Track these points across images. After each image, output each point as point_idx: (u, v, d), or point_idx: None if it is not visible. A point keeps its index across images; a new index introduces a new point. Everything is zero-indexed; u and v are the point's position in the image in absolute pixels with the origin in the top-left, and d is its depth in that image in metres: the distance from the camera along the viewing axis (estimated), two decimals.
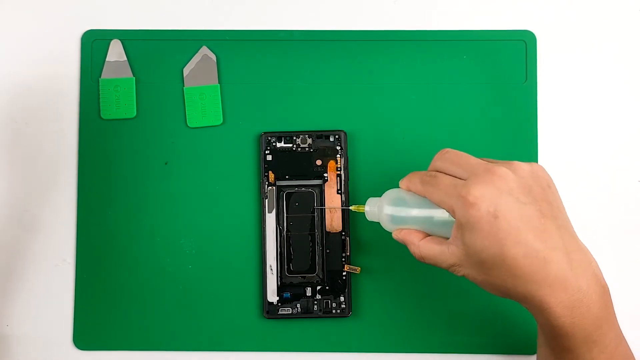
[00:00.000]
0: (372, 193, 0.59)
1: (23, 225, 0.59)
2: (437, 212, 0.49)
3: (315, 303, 0.58)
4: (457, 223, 0.46)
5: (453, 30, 0.61)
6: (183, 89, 0.60)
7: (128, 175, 0.59)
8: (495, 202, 0.44)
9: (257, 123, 0.60)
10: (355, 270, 0.58)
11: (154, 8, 0.61)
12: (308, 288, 0.58)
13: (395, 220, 0.51)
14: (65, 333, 0.58)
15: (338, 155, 0.59)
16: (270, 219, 0.59)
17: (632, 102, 0.61)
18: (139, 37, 0.61)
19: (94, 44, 0.61)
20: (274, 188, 0.59)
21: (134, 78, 0.60)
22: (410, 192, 0.50)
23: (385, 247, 0.58)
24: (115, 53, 0.60)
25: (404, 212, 0.51)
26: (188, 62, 0.60)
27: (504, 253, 0.44)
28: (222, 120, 0.60)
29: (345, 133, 0.59)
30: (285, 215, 0.59)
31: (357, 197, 0.59)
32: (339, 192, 0.58)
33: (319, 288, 0.58)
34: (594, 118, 0.61)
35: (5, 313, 0.58)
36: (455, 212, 0.45)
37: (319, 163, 0.59)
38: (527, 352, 0.58)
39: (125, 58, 0.60)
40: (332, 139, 0.59)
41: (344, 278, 0.58)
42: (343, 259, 0.58)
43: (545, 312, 0.45)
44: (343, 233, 0.58)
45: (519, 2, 0.61)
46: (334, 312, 0.58)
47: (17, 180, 0.60)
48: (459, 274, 0.48)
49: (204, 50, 0.60)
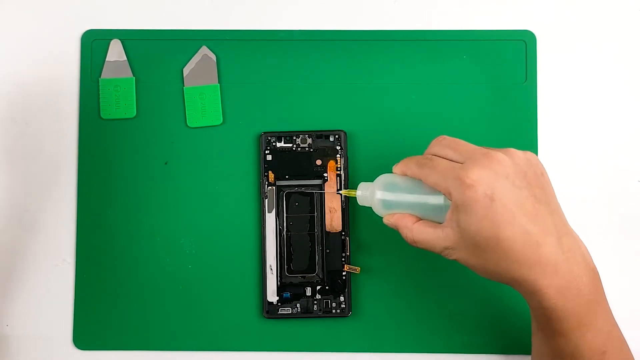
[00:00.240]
0: None
1: (23, 225, 0.59)
2: (431, 197, 0.49)
3: (315, 303, 0.58)
4: (452, 205, 0.46)
5: (453, 30, 0.61)
6: (183, 89, 0.60)
7: (128, 175, 0.59)
8: (492, 185, 0.45)
9: (257, 123, 0.60)
10: (355, 270, 0.58)
11: (154, 8, 0.61)
12: (308, 288, 0.58)
13: (387, 205, 0.51)
14: (65, 333, 0.58)
15: (338, 155, 0.59)
16: (270, 219, 0.58)
17: (632, 101, 0.61)
18: (139, 37, 0.61)
19: (94, 44, 0.61)
20: (274, 188, 0.59)
21: (134, 78, 0.60)
22: (404, 177, 0.50)
23: (385, 247, 0.59)
24: (115, 53, 0.60)
25: (397, 196, 0.51)
26: (188, 62, 0.60)
27: (499, 235, 0.45)
28: (222, 120, 0.60)
29: (345, 133, 0.59)
30: (285, 215, 0.59)
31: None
32: (339, 191, 0.58)
33: (319, 288, 0.58)
34: (594, 118, 0.61)
35: (5, 313, 0.58)
36: (452, 194, 0.46)
37: (319, 163, 0.59)
38: (526, 352, 0.58)
39: (125, 58, 0.60)
40: (332, 139, 0.59)
41: (344, 278, 0.58)
42: (343, 259, 0.58)
43: (538, 294, 0.45)
44: (343, 233, 0.58)
45: (519, 2, 0.61)
46: (334, 312, 0.58)
47: (17, 180, 0.60)
48: (451, 257, 0.48)
49: (204, 50, 0.60)
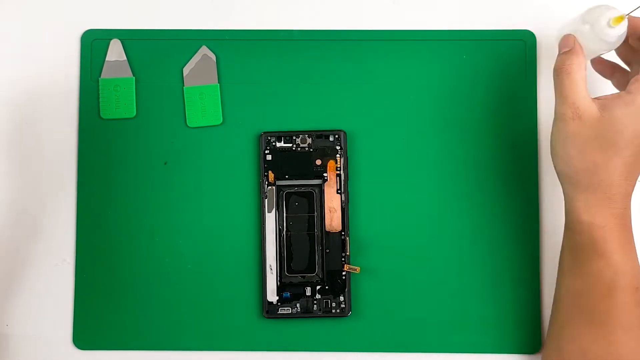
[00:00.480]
0: (371, 193, 0.59)
1: (23, 225, 0.59)
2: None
3: (315, 303, 0.58)
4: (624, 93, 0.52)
5: (453, 30, 0.61)
6: (183, 89, 0.60)
7: (128, 175, 0.59)
8: None
9: (256, 123, 0.60)
10: (355, 270, 0.58)
11: (154, 8, 0.61)
12: (308, 288, 0.58)
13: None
14: (65, 333, 0.59)
15: (338, 155, 0.59)
16: (270, 219, 0.58)
17: None
18: (139, 36, 0.61)
19: (94, 44, 0.61)
20: (274, 188, 0.59)
21: (134, 78, 0.60)
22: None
23: (385, 247, 0.59)
24: (115, 53, 0.60)
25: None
26: (188, 61, 0.60)
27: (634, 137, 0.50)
28: (221, 120, 0.60)
29: (345, 133, 0.59)
30: (285, 215, 0.59)
31: (356, 196, 0.59)
32: (339, 191, 0.58)
33: (319, 288, 0.58)
34: None
35: (5, 313, 0.58)
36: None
37: (319, 163, 0.59)
38: (526, 351, 0.58)
39: (125, 58, 0.60)
40: (331, 139, 0.59)
41: (344, 278, 0.58)
42: (343, 259, 0.58)
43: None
44: (343, 233, 0.58)
45: (519, 2, 0.61)
46: (334, 311, 0.58)
47: (17, 180, 0.60)
48: (569, 121, 0.51)
49: (204, 50, 0.60)
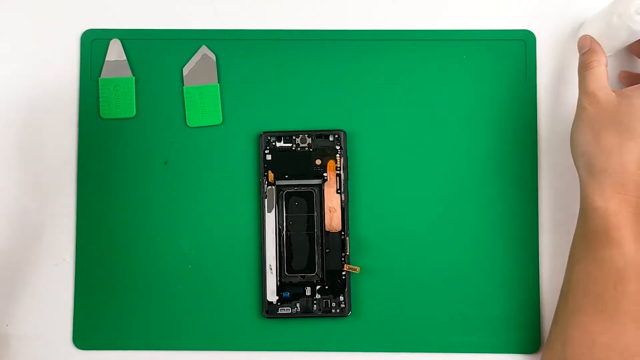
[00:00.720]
0: (371, 193, 0.59)
1: (23, 225, 0.59)
2: None
3: (315, 303, 0.58)
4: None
5: (453, 30, 0.60)
6: (183, 89, 0.60)
7: (127, 175, 0.59)
8: None
9: (256, 122, 0.60)
10: (355, 270, 0.58)
11: (154, 7, 0.61)
12: (307, 287, 0.58)
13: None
14: (65, 333, 0.59)
15: (338, 155, 0.59)
16: (270, 219, 0.58)
17: None
18: (139, 36, 0.61)
19: (94, 44, 0.61)
20: (274, 188, 0.59)
21: (134, 77, 0.60)
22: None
23: (385, 247, 0.59)
24: (115, 52, 0.60)
25: None
26: (188, 61, 0.60)
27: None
28: (221, 120, 0.60)
29: (345, 133, 0.59)
30: (285, 215, 0.59)
31: (356, 196, 0.59)
32: (339, 191, 0.58)
33: (319, 287, 0.58)
34: None
35: (5, 313, 0.58)
36: None
37: (319, 163, 0.59)
38: (526, 351, 0.58)
39: (125, 57, 0.60)
40: (331, 139, 0.59)
41: (344, 278, 0.58)
42: (342, 259, 0.58)
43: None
44: (342, 233, 0.58)
45: (519, 2, 0.61)
46: (334, 311, 0.58)
47: (17, 180, 0.60)
48: (587, 106, 0.53)
49: (204, 50, 0.60)
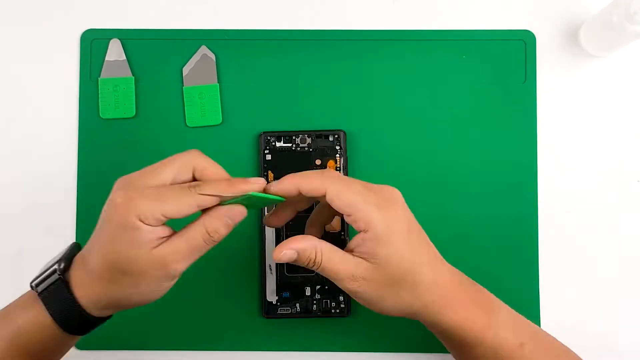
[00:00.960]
0: None
1: (23, 225, 0.59)
2: None
3: (315, 303, 0.58)
4: (371, 235, 0.45)
5: (453, 30, 0.60)
6: (182, 89, 0.60)
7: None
8: (408, 218, 0.47)
9: (256, 123, 0.60)
10: None
11: (154, 7, 0.61)
12: (307, 288, 0.58)
13: None
14: None
15: (337, 155, 0.59)
16: None
17: (631, 101, 0.61)
18: (138, 36, 0.61)
19: (93, 43, 0.61)
20: None
21: (133, 77, 0.60)
22: None
23: None
24: (115, 52, 0.60)
25: None
26: (187, 61, 0.60)
27: (414, 265, 0.47)
28: (221, 120, 0.60)
29: (345, 133, 0.59)
30: None
31: None
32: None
33: (318, 288, 0.58)
34: (594, 118, 0.61)
35: None
36: (373, 223, 0.45)
37: (319, 163, 0.59)
38: None
39: (125, 57, 0.60)
40: (331, 139, 0.59)
41: None
42: None
43: (446, 315, 0.48)
44: (342, 233, 0.58)
45: (519, 2, 0.61)
46: (333, 311, 0.58)
47: (16, 180, 0.60)
48: (356, 288, 0.47)
49: (204, 50, 0.60)
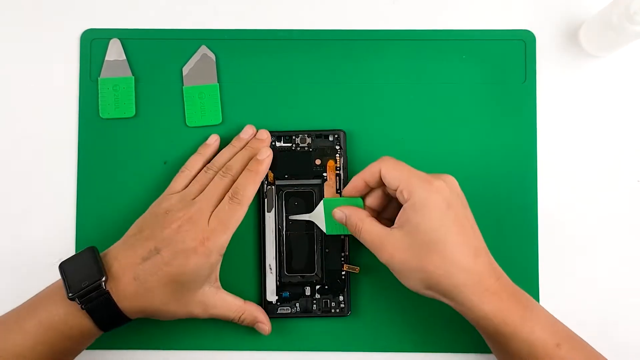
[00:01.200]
0: None
1: (23, 224, 0.59)
2: None
3: (315, 302, 0.58)
4: (409, 205, 0.50)
5: (453, 30, 0.60)
6: (182, 88, 0.60)
7: (127, 175, 0.59)
8: (449, 196, 0.51)
9: (256, 122, 0.60)
10: (355, 270, 0.58)
11: (153, 7, 0.61)
12: (307, 287, 0.58)
13: None
14: None
15: (337, 155, 0.59)
16: (270, 219, 0.59)
17: (631, 101, 0.61)
18: (138, 36, 0.61)
19: (93, 43, 0.61)
20: (273, 187, 0.59)
21: (133, 77, 0.60)
22: None
23: None
24: (115, 52, 0.60)
25: None
26: (187, 61, 0.60)
27: (447, 239, 0.50)
28: (221, 120, 0.60)
29: (345, 133, 0.59)
30: (285, 215, 0.59)
31: None
32: (338, 191, 0.58)
33: (318, 287, 0.58)
34: (593, 118, 0.61)
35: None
36: (414, 192, 0.50)
37: (318, 162, 0.59)
38: None
39: (125, 57, 0.60)
40: (331, 139, 0.59)
41: (343, 277, 0.58)
42: (342, 259, 0.58)
43: (478, 301, 0.51)
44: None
45: (519, 2, 0.61)
46: (333, 311, 0.58)
47: (16, 180, 0.60)
48: (389, 258, 0.51)
49: (203, 50, 0.60)
